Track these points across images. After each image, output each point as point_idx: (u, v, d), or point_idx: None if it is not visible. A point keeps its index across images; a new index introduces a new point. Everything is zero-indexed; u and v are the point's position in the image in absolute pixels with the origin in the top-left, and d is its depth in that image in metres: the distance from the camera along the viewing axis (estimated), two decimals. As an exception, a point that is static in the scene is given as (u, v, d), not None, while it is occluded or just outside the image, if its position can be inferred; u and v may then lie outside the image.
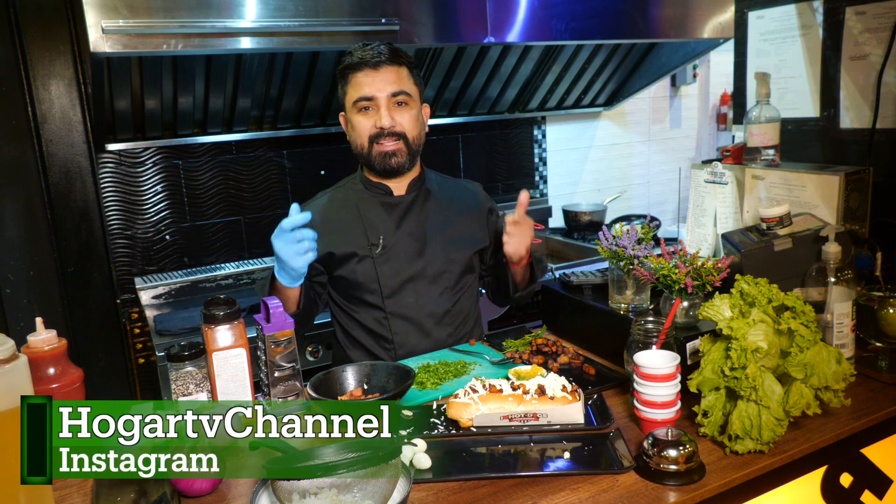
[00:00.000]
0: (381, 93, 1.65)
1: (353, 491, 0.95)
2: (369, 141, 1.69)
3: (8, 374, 0.96)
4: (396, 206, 1.77)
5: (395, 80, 1.66)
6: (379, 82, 1.65)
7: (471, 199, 1.87)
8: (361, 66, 1.65)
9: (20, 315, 2.31)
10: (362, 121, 1.68)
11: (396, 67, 1.67)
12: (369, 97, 1.65)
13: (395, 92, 1.66)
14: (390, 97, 1.66)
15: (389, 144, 1.68)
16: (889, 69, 1.77)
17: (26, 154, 2.28)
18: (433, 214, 1.79)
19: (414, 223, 1.77)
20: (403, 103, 1.68)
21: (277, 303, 1.40)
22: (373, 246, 1.73)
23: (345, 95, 1.71)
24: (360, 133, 1.69)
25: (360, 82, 1.66)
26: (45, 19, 2.26)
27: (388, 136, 1.67)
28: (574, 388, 1.30)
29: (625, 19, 2.54)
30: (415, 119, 1.71)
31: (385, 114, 1.66)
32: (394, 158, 1.69)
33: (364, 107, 1.67)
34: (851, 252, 1.60)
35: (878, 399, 1.31)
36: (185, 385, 1.33)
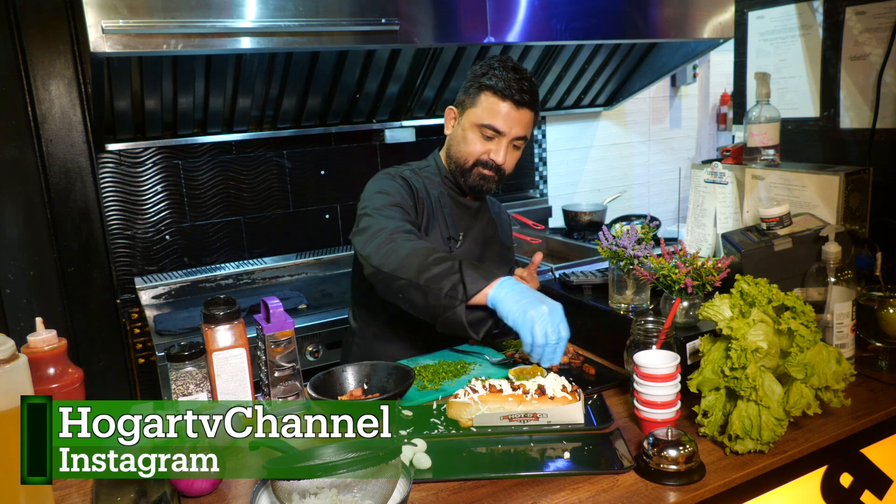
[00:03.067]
0: (511, 133, 1.66)
1: (353, 491, 0.95)
2: (473, 163, 1.70)
3: (8, 374, 0.96)
4: (468, 208, 1.81)
5: (527, 124, 1.68)
6: (514, 122, 1.65)
7: (501, 212, 1.97)
8: (506, 97, 1.63)
9: (20, 315, 2.31)
10: (479, 143, 1.68)
11: (531, 112, 1.68)
12: (498, 130, 1.66)
13: (520, 136, 1.68)
14: (513, 138, 1.68)
15: (488, 174, 1.70)
16: (889, 69, 1.77)
17: (26, 154, 2.28)
18: (488, 226, 1.85)
19: (480, 230, 1.82)
20: (518, 147, 1.71)
21: (277, 303, 1.40)
22: (454, 239, 1.74)
23: (472, 105, 1.68)
24: (471, 152, 1.69)
25: (497, 111, 1.64)
26: (45, 19, 2.26)
27: (492, 168, 1.70)
28: (574, 388, 1.30)
29: (625, 19, 2.54)
30: (517, 159, 1.75)
31: (503, 152, 1.67)
32: (486, 185, 1.72)
33: (488, 135, 1.67)
34: (851, 252, 1.60)
35: (878, 399, 1.31)
36: (185, 385, 1.33)
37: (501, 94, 1.64)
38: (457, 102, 1.75)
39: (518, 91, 1.63)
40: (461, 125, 1.72)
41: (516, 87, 1.63)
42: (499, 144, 1.67)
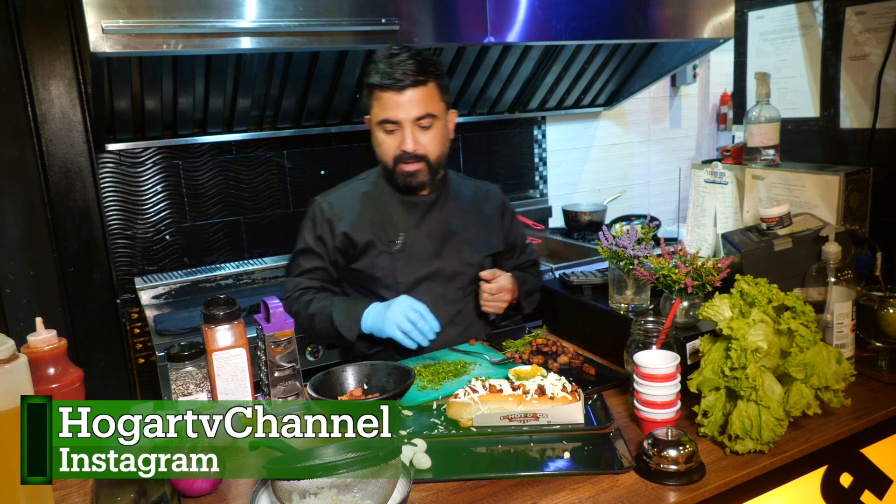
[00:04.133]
0: (406, 117, 1.65)
1: (353, 491, 0.95)
2: (393, 161, 1.71)
3: (8, 374, 0.96)
4: (418, 204, 1.79)
5: (421, 101, 1.65)
6: (404, 105, 1.64)
7: (488, 203, 1.90)
8: (385, 87, 1.63)
9: (20, 315, 2.31)
10: (387, 140, 1.70)
11: (422, 87, 1.65)
12: (394, 121, 1.66)
13: (420, 116, 1.66)
14: (414, 121, 1.66)
15: (412, 166, 1.70)
16: (889, 69, 1.77)
17: (26, 154, 2.28)
18: (453, 216, 1.82)
19: (434, 223, 1.79)
20: (428, 126, 1.68)
21: (277, 303, 1.40)
22: (392, 242, 1.75)
23: (370, 108, 1.71)
24: (385, 152, 1.71)
25: (385, 104, 1.65)
26: (45, 19, 2.26)
27: (411, 159, 1.68)
28: (574, 388, 1.30)
29: (625, 19, 2.54)
30: (439, 139, 1.71)
31: (409, 139, 1.66)
32: (414, 179, 1.71)
33: (389, 129, 1.68)
34: (851, 252, 1.60)
35: (878, 399, 1.31)
36: (185, 385, 1.33)
37: (381, 86, 1.64)
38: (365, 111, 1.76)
39: (394, 76, 1.61)
40: (372, 131, 1.74)
41: (391, 72, 1.62)
42: (403, 133, 1.66)
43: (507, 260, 1.96)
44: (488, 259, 1.86)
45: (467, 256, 1.81)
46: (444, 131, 1.74)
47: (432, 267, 1.77)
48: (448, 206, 1.83)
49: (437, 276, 1.78)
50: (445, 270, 1.79)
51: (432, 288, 1.77)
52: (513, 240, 1.96)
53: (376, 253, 1.75)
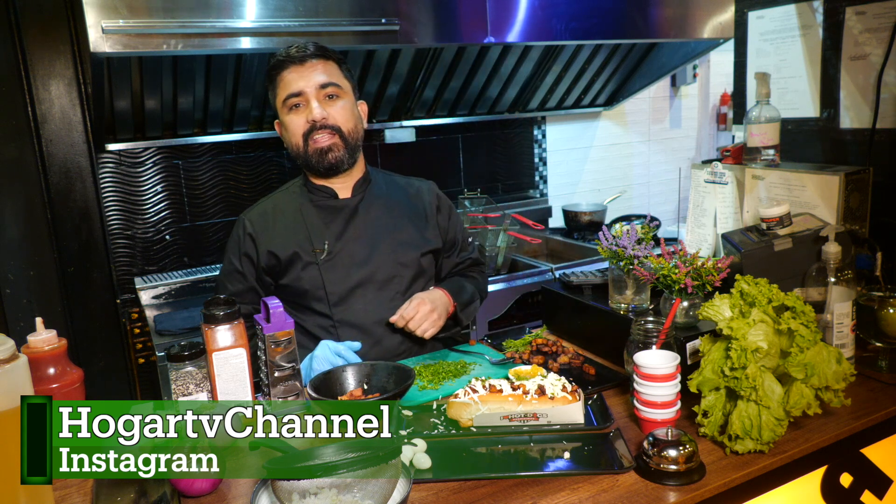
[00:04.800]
0: (310, 85, 1.60)
1: (353, 491, 0.95)
2: (303, 139, 1.63)
3: (8, 374, 0.96)
4: (342, 209, 1.70)
5: (323, 71, 1.61)
6: (306, 75, 1.60)
7: (421, 199, 1.81)
8: (287, 63, 1.60)
9: (20, 315, 2.31)
10: (294, 119, 1.63)
11: (324, 61, 1.62)
12: (297, 92, 1.60)
13: (324, 83, 1.60)
14: (319, 89, 1.60)
15: (324, 139, 1.62)
16: (889, 69, 1.77)
17: (26, 154, 2.28)
18: (381, 217, 1.73)
19: (360, 227, 1.70)
20: (334, 96, 1.63)
21: (277, 303, 1.40)
22: (317, 252, 1.66)
23: (275, 98, 1.65)
24: (294, 132, 1.63)
25: (288, 79, 1.61)
26: (45, 19, 2.26)
27: (322, 129, 1.61)
28: (574, 388, 1.30)
29: (625, 19, 2.54)
30: (349, 111, 1.65)
31: (316, 106, 1.60)
32: (330, 154, 1.63)
33: (294, 104, 1.62)
34: (851, 252, 1.60)
35: (878, 399, 1.31)
36: (185, 385, 1.33)
37: (281, 64, 1.61)
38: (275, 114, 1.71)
39: (294, 52, 1.60)
40: (282, 123, 1.68)
41: (293, 50, 1.61)
42: (308, 103, 1.60)
43: (447, 258, 1.86)
44: (425, 257, 1.75)
45: (400, 258, 1.71)
46: (353, 109, 1.67)
47: (363, 273, 1.67)
48: (374, 207, 1.73)
49: (369, 282, 1.68)
50: (378, 275, 1.69)
51: (366, 295, 1.68)
52: (452, 236, 1.85)
53: (302, 265, 1.66)
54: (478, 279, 1.90)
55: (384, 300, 1.69)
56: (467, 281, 1.84)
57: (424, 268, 1.76)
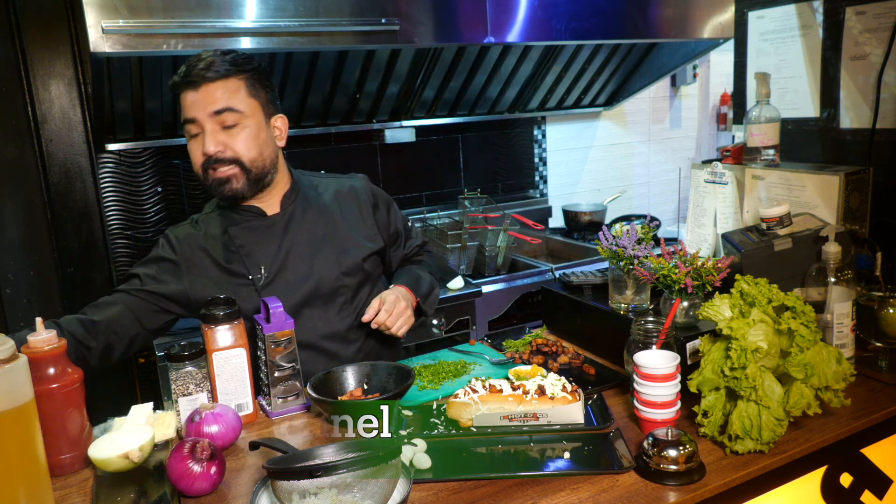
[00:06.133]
0: (202, 114, 1.47)
1: (353, 491, 0.95)
2: (203, 169, 1.52)
3: (8, 374, 0.96)
4: (272, 227, 1.61)
5: (220, 97, 1.47)
6: (200, 102, 1.47)
7: (354, 199, 1.71)
8: (181, 86, 1.48)
9: (20, 315, 2.30)
10: (193, 147, 1.52)
11: (222, 81, 1.47)
12: (191, 119, 1.48)
13: (219, 110, 1.47)
14: (212, 117, 1.47)
15: (222, 170, 1.50)
16: (889, 69, 1.77)
17: (26, 154, 2.28)
18: (316, 228, 1.64)
19: (296, 243, 1.61)
20: (233, 124, 1.49)
21: (277, 303, 1.40)
22: (255, 279, 1.57)
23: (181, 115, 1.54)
24: (194, 161, 1.53)
25: (185, 104, 1.49)
26: (45, 19, 2.26)
27: (217, 162, 1.50)
28: (574, 388, 1.30)
29: (625, 19, 2.54)
30: (250, 139, 1.51)
31: (209, 139, 1.48)
32: (227, 186, 1.52)
33: (192, 133, 1.50)
34: (851, 252, 1.60)
35: (878, 399, 1.31)
36: (185, 385, 1.33)
37: (177, 87, 1.49)
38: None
39: (188, 74, 1.46)
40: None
41: (186, 71, 1.47)
42: (202, 132, 1.48)
43: (395, 252, 1.79)
44: (368, 261, 1.68)
45: (343, 267, 1.63)
46: (258, 134, 1.52)
47: (306, 291, 1.59)
48: (307, 219, 1.63)
49: (315, 297, 1.60)
50: (322, 289, 1.60)
51: (313, 313, 1.60)
52: (395, 229, 1.77)
53: (241, 297, 1.53)
54: (429, 263, 1.84)
55: (332, 314, 1.62)
56: (420, 269, 1.78)
57: (369, 272, 1.69)
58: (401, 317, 1.58)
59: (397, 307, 1.57)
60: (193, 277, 1.57)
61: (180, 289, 1.56)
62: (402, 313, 1.58)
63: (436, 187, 3.17)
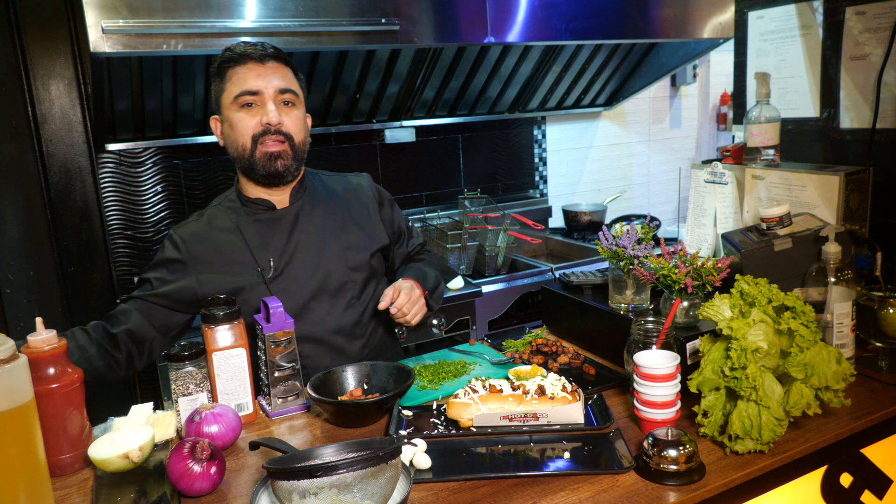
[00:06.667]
0: (269, 87, 1.52)
1: (353, 491, 0.95)
2: (252, 140, 1.53)
3: (8, 374, 0.96)
4: (280, 220, 1.62)
5: (284, 75, 1.55)
6: (266, 75, 1.52)
7: (360, 195, 1.74)
8: (245, 59, 1.52)
9: (20, 315, 2.31)
10: (245, 118, 1.53)
11: (283, 66, 1.56)
12: (254, 91, 1.51)
13: (284, 89, 1.54)
14: (278, 93, 1.53)
15: (275, 145, 1.53)
16: (889, 69, 1.77)
17: (26, 154, 2.28)
18: (324, 223, 1.65)
19: (304, 237, 1.62)
20: (291, 103, 1.56)
21: (277, 303, 1.40)
22: (264, 271, 1.58)
23: (222, 93, 1.55)
24: (242, 132, 1.53)
25: (244, 76, 1.52)
26: (45, 19, 2.26)
27: (275, 135, 1.53)
28: (574, 388, 1.30)
29: (625, 19, 2.55)
30: (301, 122, 1.59)
31: (272, 109, 1.52)
32: (279, 161, 1.54)
33: (248, 102, 1.52)
34: (851, 252, 1.60)
35: (878, 399, 1.31)
36: (185, 385, 1.33)
37: (239, 59, 1.53)
38: (214, 107, 1.62)
39: (255, 50, 1.53)
40: (225, 119, 1.57)
41: (252, 48, 1.53)
42: (264, 105, 1.52)
43: (398, 249, 1.81)
44: (374, 257, 1.70)
45: (350, 262, 1.64)
46: (304, 119, 1.61)
47: (314, 285, 1.60)
48: (316, 214, 1.65)
49: (322, 292, 1.61)
50: (330, 284, 1.62)
51: (321, 307, 1.61)
52: (398, 227, 1.80)
53: (249, 289, 1.56)
54: (431, 261, 1.86)
55: (339, 308, 1.63)
56: (424, 265, 1.79)
57: (375, 268, 1.71)
58: (416, 304, 1.59)
59: (413, 294, 1.59)
60: (201, 275, 1.58)
61: (189, 287, 1.57)
62: (418, 301, 1.60)
63: (436, 187, 3.17)
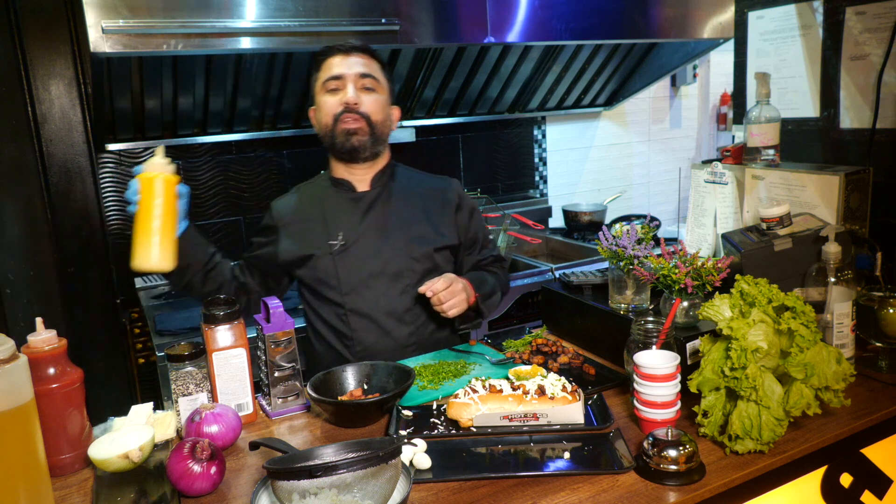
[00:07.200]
0: (350, 72, 1.69)
1: (353, 491, 0.95)
2: (334, 119, 1.70)
3: (8, 374, 0.96)
4: (359, 201, 1.77)
5: (365, 64, 1.71)
6: (348, 63, 1.70)
7: (440, 196, 1.83)
8: (334, 51, 1.72)
9: (20, 315, 2.31)
10: (329, 100, 1.71)
11: (368, 57, 1.73)
12: (338, 76, 1.69)
13: (363, 73, 1.70)
14: (358, 77, 1.69)
15: (352, 122, 1.69)
16: (889, 69, 1.77)
17: (26, 154, 2.28)
18: (398, 210, 1.77)
19: (376, 219, 1.75)
20: (371, 88, 1.71)
21: (277, 303, 1.40)
22: (332, 243, 1.72)
23: (315, 81, 1.74)
24: (326, 112, 1.71)
25: (331, 64, 1.70)
26: (45, 19, 2.26)
27: (352, 113, 1.69)
28: (574, 388, 1.30)
29: (625, 19, 2.54)
30: (381, 105, 1.73)
31: (351, 90, 1.68)
32: (355, 137, 1.69)
33: (332, 87, 1.70)
34: (851, 252, 1.60)
35: (878, 399, 1.31)
36: (185, 385, 1.33)
37: (330, 52, 1.72)
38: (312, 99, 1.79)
39: (344, 45, 1.72)
40: (316, 104, 1.76)
41: (334, 46, 1.73)
42: (344, 88, 1.69)
43: (467, 256, 1.89)
44: (439, 253, 1.78)
45: (413, 252, 1.74)
46: (385, 105, 1.75)
47: (375, 265, 1.72)
48: (392, 202, 1.78)
49: (381, 274, 1.72)
50: (390, 268, 1.72)
51: (377, 287, 1.71)
52: (472, 235, 1.88)
53: (317, 257, 1.72)
54: (499, 274, 1.93)
55: (395, 293, 1.72)
56: (488, 274, 1.87)
57: (438, 264, 1.78)
58: (455, 296, 1.64)
59: (455, 286, 1.65)
60: (283, 240, 1.76)
61: (273, 250, 1.77)
62: (458, 294, 1.65)
63: (436, 187, 3.16)
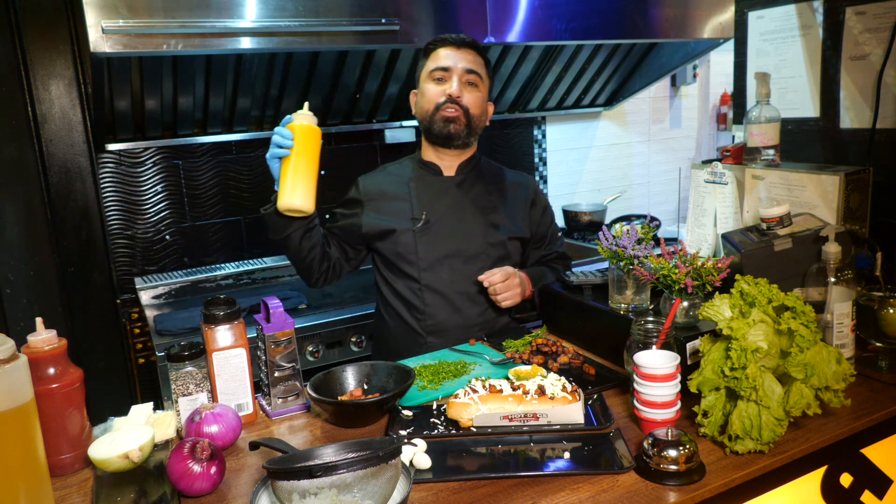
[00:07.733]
0: (458, 66, 1.80)
1: (353, 491, 0.95)
2: (435, 107, 1.81)
3: (8, 374, 0.96)
4: (444, 184, 1.89)
5: (473, 60, 1.82)
6: (458, 57, 1.80)
7: (518, 190, 1.97)
8: (446, 42, 1.82)
9: (20, 315, 2.31)
10: (433, 88, 1.82)
11: (475, 53, 1.83)
12: (445, 68, 1.80)
13: (470, 69, 1.80)
14: (464, 72, 1.80)
15: (452, 111, 1.80)
16: (889, 69, 1.77)
17: (26, 154, 2.28)
18: (478, 197, 1.89)
19: (458, 203, 1.87)
20: (474, 84, 1.82)
21: (277, 303, 1.40)
22: (415, 220, 1.84)
23: (423, 69, 1.85)
24: (429, 99, 1.82)
25: (441, 55, 1.81)
26: (45, 19, 2.26)
27: (455, 104, 1.79)
28: (574, 388, 1.30)
29: (625, 19, 2.54)
30: (480, 100, 1.84)
31: (456, 83, 1.79)
32: (453, 125, 1.80)
33: (438, 77, 1.81)
34: (851, 252, 1.60)
35: (878, 399, 1.31)
36: (185, 385, 1.33)
37: (441, 43, 1.83)
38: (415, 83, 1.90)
39: (455, 37, 1.82)
40: (420, 90, 1.86)
41: (453, 36, 1.83)
42: (450, 80, 1.80)
43: (535, 250, 2.01)
44: (512, 243, 1.91)
45: (489, 237, 1.86)
46: (484, 100, 1.86)
47: (454, 246, 1.84)
48: (475, 188, 1.90)
49: (458, 254, 1.83)
50: (467, 250, 1.84)
51: (454, 266, 1.83)
52: (542, 231, 2.01)
53: (400, 232, 1.83)
54: (560, 270, 2.01)
55: (469, 274, 1.83)
56: (549, 271, 1.99)
57: (510, 252, 1.91)
58: (510, 289, 1.78)
59: (511, 280, 1.79)
60: (367, 213, 1.87)
61: (356, 223, 1.88)
62: (513, 287, 1.79)
63: (436, 187, 3.16)
